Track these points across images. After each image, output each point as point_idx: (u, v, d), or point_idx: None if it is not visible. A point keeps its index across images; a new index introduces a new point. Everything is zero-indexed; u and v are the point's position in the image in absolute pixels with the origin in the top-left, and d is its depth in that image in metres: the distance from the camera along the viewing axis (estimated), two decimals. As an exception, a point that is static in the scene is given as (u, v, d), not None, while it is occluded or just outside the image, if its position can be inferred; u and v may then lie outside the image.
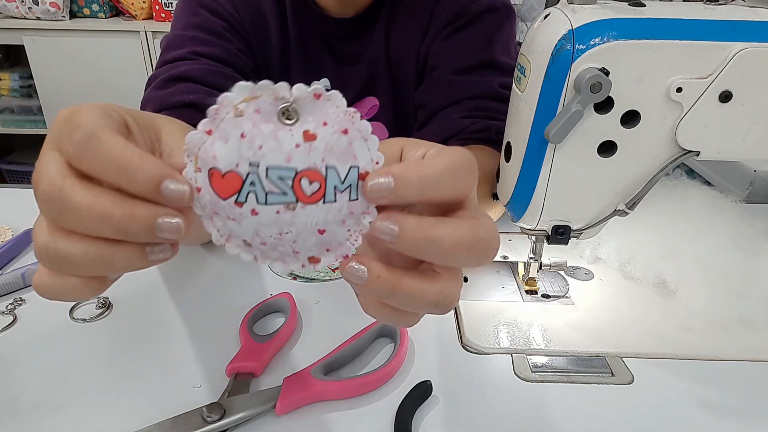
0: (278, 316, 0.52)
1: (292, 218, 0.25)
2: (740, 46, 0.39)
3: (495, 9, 0.69)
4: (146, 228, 0.24)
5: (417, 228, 0.25)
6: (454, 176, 0.26)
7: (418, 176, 0.25)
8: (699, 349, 0.48)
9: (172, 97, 0.62)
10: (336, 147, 0.24)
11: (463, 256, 0.26)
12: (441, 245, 0.26)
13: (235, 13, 0.70)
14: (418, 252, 0.26)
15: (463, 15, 0.69)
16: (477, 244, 0.26)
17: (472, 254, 0.26)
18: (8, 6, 1.99)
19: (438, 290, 0.27)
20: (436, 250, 0.26)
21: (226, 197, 0.24)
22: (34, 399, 0.42)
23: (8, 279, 0.53)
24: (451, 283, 0.28)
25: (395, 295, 0.27)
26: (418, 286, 0.27)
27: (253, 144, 0.24)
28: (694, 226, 0.57)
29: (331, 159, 0.24)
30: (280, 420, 0.41)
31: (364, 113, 0.77)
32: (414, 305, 0.28)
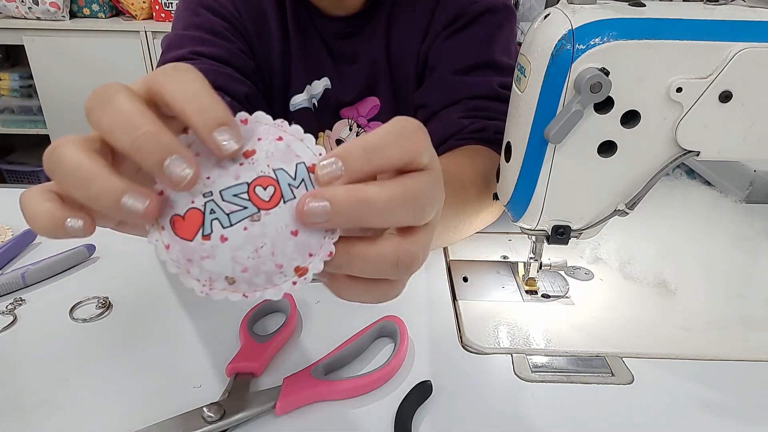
0: (278, 316, 0.52)
1: (261, 229, 0.25)
2: (740, 46, 0.39)
3: (495, 10, 0.69)
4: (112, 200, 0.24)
5: (346, 194, 0.25)
6: (398, 138, 0.27)
7: (361, 148, 0.26)
8: (699, 349, 0.48)
9: None
10: (276, 152, 0.26)
11: (399, 211, 0.27)
12: (375, 205, 0.26)
13: (236, 14, 0.70)
14: (356, 218, 0.26)
15: (464, 15, 0.69)
16: (408, 197, 0.27)
17: (407, 208, 0.27)
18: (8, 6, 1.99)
19: (395, 248, 0.27)
20: (371, 210, 0.26)
21: (192, 237, 0.24)
22: (34, 399, 0.42)
23: (8, 279, 0.53)
24: (407, 241, 0.28)
25: (353, 262, 0.27)
26: (373, 248, 0.27)
27: (202, 178, 0.25)
28: (694, 226, 0.57)
29: (275, 163, 0.25)
30: (280, 420, 0.41)
31: (365, 113, 0.77)
32: (374, 269, 0.28)
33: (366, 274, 0.28)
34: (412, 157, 0.27)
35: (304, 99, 0.75)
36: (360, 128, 0.78)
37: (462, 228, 0.57)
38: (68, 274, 0.57)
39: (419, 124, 0.28)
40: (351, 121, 0.77)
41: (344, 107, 0.76)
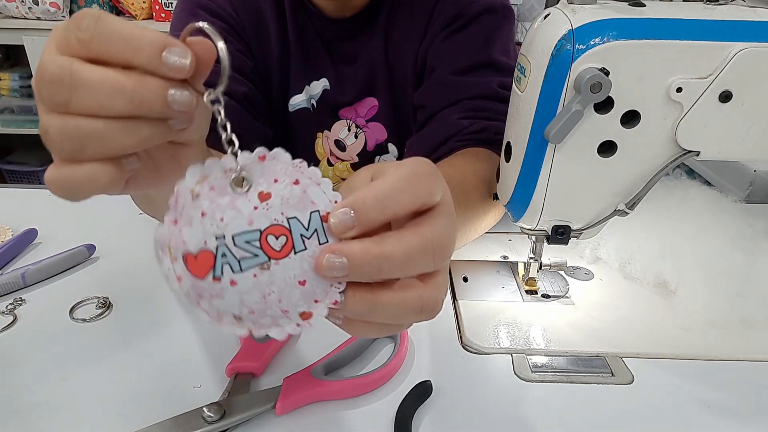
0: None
1: (270, 277, 0.25)
2: (740, 46, 0.39)
3: (494, 10, 0.69)
4: (160, 98, 0.24)
5: (363, 251, 0.25)
6: (411, 185, 0.27)
7: (374, 197, 0.26)
8: (699, 349, 0.48)
9: None
10: (291, 198, 0.26)
11: (418, 261, 0.27)
12: (393, 259, 0.26)
13: (234, 14, 0.70)
14: (375, 273, 0.26)
15: (462, 16, 0.69)
16: (427, 246, 0.27)
17: (426, 257, 0.27)
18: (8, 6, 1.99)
19: (418, 296, 0.27)
20: (390, 264, 0.26)
21: (203, 276, 0.25)
22: (33, 399, 0.42)
23: (8, 279, 0.53)
24: (430, 287, 0.28)
25: (376, 310, 0.27)
26: (397, 297, 0.27)
27: (215, 218, 0.25)
28: (694, 226, 0.57)
29: (289, 211, 0.26)
30: (280, 420, 0.41)
31: (363, 113, 0.77)
32: (398, 316, 0.28)
33: (389, 321, 0.28)
34: (424, 201, 0.27)
35: (302, 99, 0.75)
36: (359, 129, 0.78)
37: (467, 235, 0.57)
38: (68, 274, 0.57)
39: (432, 167, 0.28)
40: (350, 121, 0.77)
41: (343, 108, 0.76)
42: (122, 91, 0.24)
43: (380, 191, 0.26)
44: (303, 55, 0.73)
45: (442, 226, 0.28)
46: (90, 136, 0.25)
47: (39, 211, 0.69)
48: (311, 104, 0.76)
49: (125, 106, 0.25)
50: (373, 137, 0.78)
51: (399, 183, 0.27)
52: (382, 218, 0.26)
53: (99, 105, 0.25)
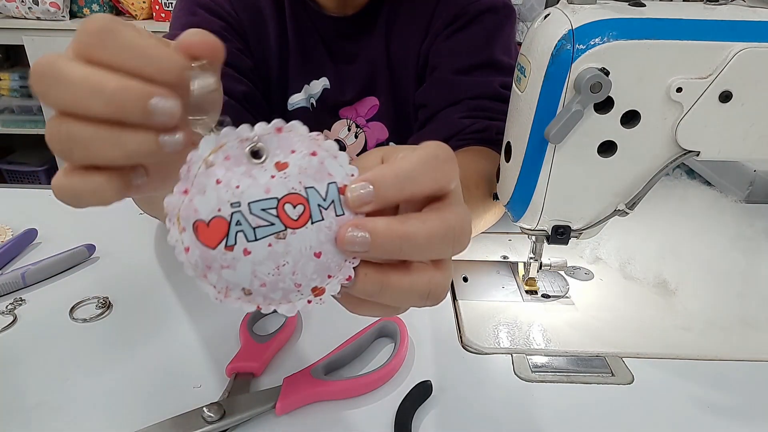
0: (278, 316, 0.52)
1: (285, 247, 0.25)
2: (740, 46, 0.39)
3: (495, 9, 0.69)
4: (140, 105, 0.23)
5: (388, 229, 0.25)
6: (431, 168, 0.27)
7: (394, 175, 0.26)
8: (699, 349, 0.48)
9: None
10: (309, 168, 0.25)
11: (439, 246, 0.27)
12: (415, 240, 0.26)
13: (233, 12, 0.70)
14: (395, 252, 0.26)
15: (464, 15, 0.69)
16: (449, 232, 0.27)
17: (447, 243, 0.27)
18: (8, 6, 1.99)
19: (427, 281, 0.27)
20: (412, 245, 0.26)
21: (215, 246, 0.24)
22: (34, 399, 0.42)
23: (8, 279, 0.53)
24: (439, 272, 0.28)
25: (385, 292, 0.27)
26: (407, 280, 0.27)
27: (230, 186, 0.24)
28: (694, 226, 0.57)
29: (307, 180, 0.25)
30: (280, 420, 0.41)
31: (364, 113, 0.77)
32: (405, 299, 0.27)
33: (395, 303, 0.28)
34: (442, 187, 0.27)
35: (302, 98, 0.76)
36: (359, 128, 0.78)
37: None
38: (68, 274, 0.57)
39: (451, 153, 0.28)
40: (350, 121, 0.77)
41: (343, 107, 0.76)
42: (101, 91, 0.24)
43: (401, 170, 0.26)
44: (302, 53, 0.73)
45: (463, 213, 0.28)
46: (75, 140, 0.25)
47: (39, 211, 0.69)
48: (311, 103, 0.76)
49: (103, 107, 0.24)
50: (374, 137, 0.78)
51: (420, 164, 0.26)
52: (400, 197, 0.26)
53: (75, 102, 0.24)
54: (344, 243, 0.25)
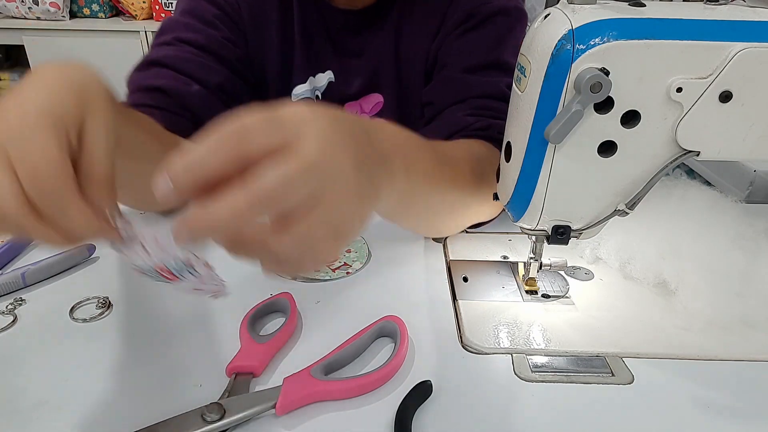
0: (278, 316, 0.52)
1: (178, 285, 0.39)
2: (740, 46, 0.39)
3: (507, 12, 0.70)
4: None
5: (194, 218, 0.29)
6: (218, 146, 0.29)
7: (183, 164, 0.29)
8: (699, 349, 0.48)
9: (145, 80, 0.66)
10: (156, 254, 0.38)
11: (250, 213, 0.29)
12: (221, 218, 0.29)
13: (234, 1, 0.71)
14: (213, 233, 0.30)
15: (476, 15, 0.69)
16: (253, 199, 0.29)
17: (255, 207, 0.29)
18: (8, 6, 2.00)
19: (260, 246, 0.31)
20: (223, 224, 0.29)
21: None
22: (34, 399, 0.42)
23: (8, 279, 0.53)
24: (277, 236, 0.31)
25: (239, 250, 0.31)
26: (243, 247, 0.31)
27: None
28: (694, 226, 0.57)
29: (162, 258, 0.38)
30: (280, 420, 0.41)
31: (368, 109, 0.77)
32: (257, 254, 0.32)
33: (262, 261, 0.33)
34: (241, 158, 0.29)
35: (306, 90, 0.76)
36: None
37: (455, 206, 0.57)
38: (68, 274, 0.57)
39: (242, 124, 0.30)
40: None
41: (348, 101, 0.77)
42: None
43: (189, 157, 0.29)
44: (308, 45, 0.73)
45: (273, 175, 0.29)
46: None
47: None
48: (315, 95, 0.76)
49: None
50: None
51: (208, 146, 0.29)
52: (196, 181, 0.29)
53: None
54: (178, 241, 0.30)
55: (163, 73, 0.66)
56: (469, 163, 0.57)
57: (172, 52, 0.68)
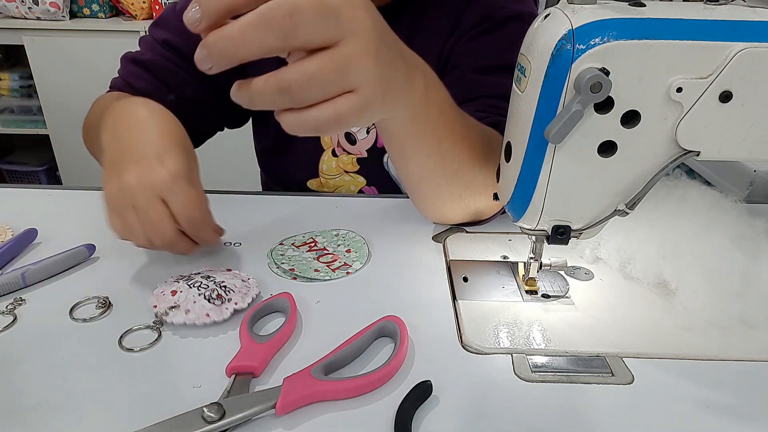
0: (278, 316, 0.52)
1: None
2: (740, 46, 0.39)
3: (521, 17, 0.71)
4: None
5: (212, 36, 0.33)
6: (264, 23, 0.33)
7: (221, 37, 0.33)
8: (699, 349, 0.48)
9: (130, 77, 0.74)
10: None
11: (256, 35, 0.32)
12: (231, 37, 0.32)
13: None
14: (224, 52, 0.33)
15: (490, 19, 0.70)
16: (261, 19, 0.32)
17: (261, 30, 0.33)
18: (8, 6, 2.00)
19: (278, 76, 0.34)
20: (232, 42, 0.32)
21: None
22: (34, 399, 0.42)
23: (8, 279, 0.53)
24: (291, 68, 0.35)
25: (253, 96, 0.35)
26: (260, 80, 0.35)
27: None
28: (694, 226, 0.57)
29: None
30: (280, 420, 0.41)
31: None
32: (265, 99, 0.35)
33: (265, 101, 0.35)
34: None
35: None
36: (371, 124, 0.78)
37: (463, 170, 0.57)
38: (68, 274, 0.57)
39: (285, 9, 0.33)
40: None
41: None
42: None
43: (228, 30, 0.32)
44: None
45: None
46: None
47: (39, 211, 0.69)
48: None
49: None
50: None
51: (252, 21, 0.32)
52: (220, 9, 0.33)
53: None
54: (198, 63, 0.34)
55: (144, 76, 0.73)
56: (482, 134, 0.58)
57: (157, 57, 0.73)
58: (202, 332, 0.49)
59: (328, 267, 0.59)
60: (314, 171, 0.83)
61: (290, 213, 0.71)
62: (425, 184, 0.61)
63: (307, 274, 0.57)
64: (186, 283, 0.52)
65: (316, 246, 0.63)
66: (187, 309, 0.49)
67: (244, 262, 0.60)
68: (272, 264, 0.59)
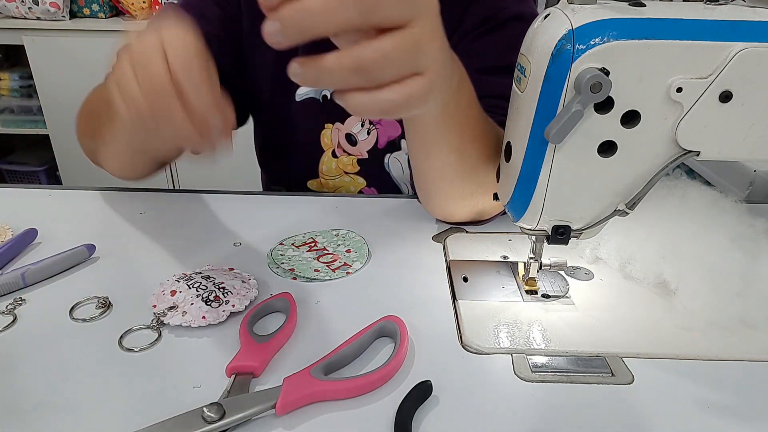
0: (278, 316, 0.52)
1: None
2: (740, 46, 0.39)
3: (523, 17, 0.71)
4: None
5: (288, 7, 0.31)
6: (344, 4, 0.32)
7: (296, 9, 0.32)
8: (699, 349, 0.48)
9: None
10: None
11: (339, 10, 0.32)
12: (312, 10, 0.31)
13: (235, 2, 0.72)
14: (301, 27, 0.32)
15: (492, 19, 0.70)
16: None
17: (345, 6, 0.32)
18: (8, 6, 2.00)
19: (354, 54, 0.34)
20: (311, 16, 0.32)
21: None
22: (34, 399, 0.42)
23: (8, 279, 0.53)
24: (368, 45, 0.34)
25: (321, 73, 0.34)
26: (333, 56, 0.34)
27: None
28: (694, 226, 0.57)
29: None
30: (280, 420, 0.41)
31: None
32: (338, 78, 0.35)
33: (335, 84, 0.35)
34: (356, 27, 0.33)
35: (310, 89, 0.76)
36: (372, 125, 0.78)
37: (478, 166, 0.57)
38: (68, 274, 0.57)
39: None
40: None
41: None
42: None
43: (307, 3, 0.31)
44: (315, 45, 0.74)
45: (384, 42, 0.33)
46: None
47: (39, 211, 0.69)
48: (322, 95, 0.77)
49: None
50: (386, 134, 0.78)
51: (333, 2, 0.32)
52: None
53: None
54: (267, 36, 0.32)
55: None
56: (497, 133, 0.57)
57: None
58: (202, 332, 0.49)
59: (328, 267, 0.59)
60: (314, 172, 0.83)
61: (290, 213, 0.71)
62: (441, 180, 0.61)
63: (307, 274, 0.57)
64: (186, 283, 0.51)
65: (316, 246, 0.63)
66: (184, 311, 0.49)
67: (244, 262, 0.60)
68: (272, 264, 0.59)
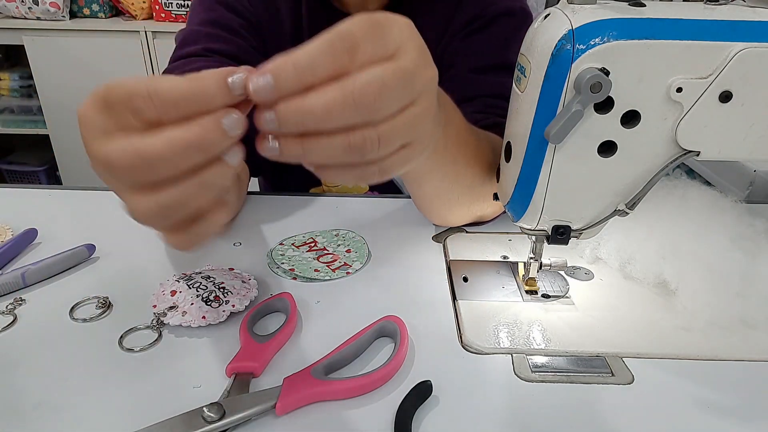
0: (278, 316, 0.52)
1: None
2: (740, 46, 0.39)
3: (513, 13, 0.70)
4: (219, 131, 0.28)
5: (287, 105, 0.29)
6: (326, 55, 0.29)
7: (292, 65, 0.29)
8: (699, 349, 0.48)
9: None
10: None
11: (341, 113, 0.29)
12: (314, 113, 0.29)
13: (251, 9, 0.71)
14: (300, 125, 0.30)
15: (482, 17, 0.70)
16: (347, 99, 0.29)
17: (347, 109, 0.29)
18: (8, 6, 2.00)
19: (345, 136, 0.31)
20: (313, 118, 0.29)
21: None
22: (34, 399, 0.42)
23: (8, 279, 0.53)
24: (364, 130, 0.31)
25: (308, 151, 0.31)
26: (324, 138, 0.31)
27: None
28: (694, 226, 0.57)
29: None
30: (280, 420, 0.41)
31: None
32: (328, 155, 0.31)
33: (323, 161, 0.32)
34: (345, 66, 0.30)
35: None
36: None
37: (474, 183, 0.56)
38: (68, 274, 0.57)
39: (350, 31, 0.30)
40: None
41: None
42: (190, 144, 0.27)
43: (297, 61, 0.29)
44: None
45: (370, 77, 0.30)
46: (173, 206, 0.29)
47: (39, 211, 0.69)
48: None
49: (198, 156, 0.28)
50: None
51: (317, 53, 0.29)
52: (299, 87, 0.29)
53: (178, 169, 0.28)
54: (262, 122, 0.30)
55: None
56: (491, 145, 0.57)
57: (207, 63, 0.67)
58: (202, 332, 0.49)
59: (328, 267, 0.59)
60: (316, 180, 0.83)
61: (290, 213, 0.71)
62: (437, 199, 0.61)
63: (307, 274, 0.57)
64: (186, 283, 0.51)
65: (316, 246, 0.63)
66: (184, 311, 0.49)
67: (244, 262, 0.60)
68: (272, 264, 0.59)
